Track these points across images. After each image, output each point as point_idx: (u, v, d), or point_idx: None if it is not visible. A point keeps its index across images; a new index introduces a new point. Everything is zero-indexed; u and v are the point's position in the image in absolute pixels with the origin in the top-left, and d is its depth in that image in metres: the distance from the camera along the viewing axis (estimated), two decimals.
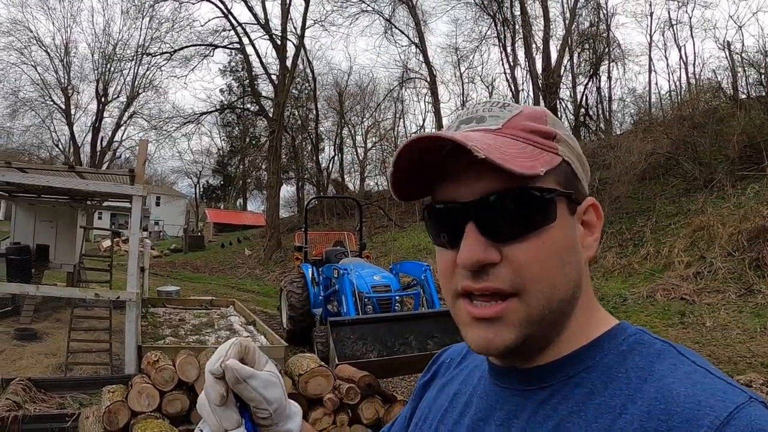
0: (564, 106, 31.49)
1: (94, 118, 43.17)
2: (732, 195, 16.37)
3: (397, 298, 9.57)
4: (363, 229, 13.92)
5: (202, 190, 71.07)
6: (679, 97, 27.27)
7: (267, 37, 33.45)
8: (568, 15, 29.41)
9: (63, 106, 42.04)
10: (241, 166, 61.27)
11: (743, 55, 23.00)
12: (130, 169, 9.46)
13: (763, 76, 21.17)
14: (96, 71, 42.03)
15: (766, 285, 12.37)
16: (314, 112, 41.87)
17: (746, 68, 22.80)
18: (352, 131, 44.55)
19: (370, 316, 8.39)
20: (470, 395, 0.98)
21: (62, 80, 41.53)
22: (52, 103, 42.01)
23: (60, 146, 46.97)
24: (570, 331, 0.86)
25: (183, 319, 11.70)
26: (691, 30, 29.10)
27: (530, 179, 0.79)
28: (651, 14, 30.61)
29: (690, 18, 29.18)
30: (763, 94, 20.57)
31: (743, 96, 21.94)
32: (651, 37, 31.26)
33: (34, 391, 6.39)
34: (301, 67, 36.98)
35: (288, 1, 32.93)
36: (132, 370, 7.87)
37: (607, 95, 31.86)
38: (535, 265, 0.81)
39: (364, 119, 44.80)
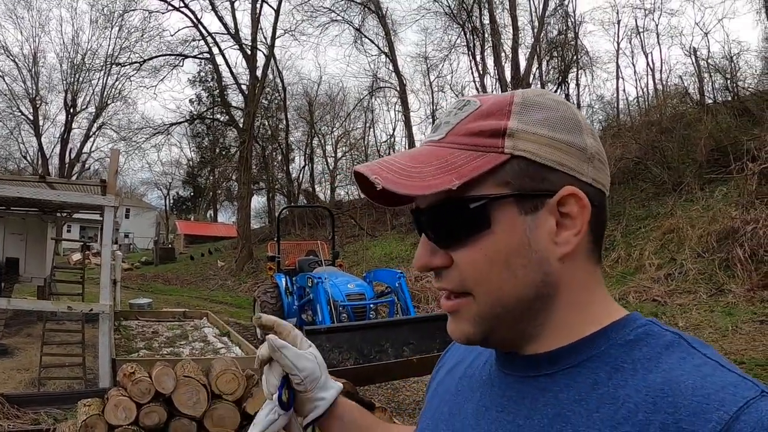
0: None
1: (62, 129, 42.88)
2: (701, 198, 16.58)
3: (371, 306, 9.59)
4: (336, 238, 13.91)
5: (172, 201, 70.60)
6: (647, 103, 27.60)
7: (237, 46, 33.36)
8: (536, 23, 29.62)
9: (31, 117, 41.69)
10: (212, 177, 60.88)
11: (709, 60, 23.38)
12: (101, 180, 9.37)
13: (728, 81, 21.50)
14: (64, 81, 41.77)
15: (736, 284, 12.56)
16: (284, 122, 41.69)
17: (712, 74, 23.13)
18: (323, 141, 44.43)
19: (345, 325, 8.37)
20: (474, 379, 1.00)
21: (30, 91, 41.22)
22: (20, 114, 41.69)
23: (28, 158, 46.67)
24: (556, 325, 0.86)
25: (156, 331, 11.59)
26: (657, 37, 29.22)
27: (444, 193, 0.81)
28: (618, 22, 30.89)
29: (657, 25, 29.44)
30: (729, 98, 20.87)
31: (710, 101, 22.25)
32: (618, 44, 31.54)
33: (7, 407, 6.30)
34: (270, 77, 36.89)
35: (258, 11, 32.86)
36: (106, 384, 7.78)
37: (575, 102, 32.04)
38: (475, 270, 0.83)
39: (335, 129, 44.75)
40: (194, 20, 33.10)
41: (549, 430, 0.81)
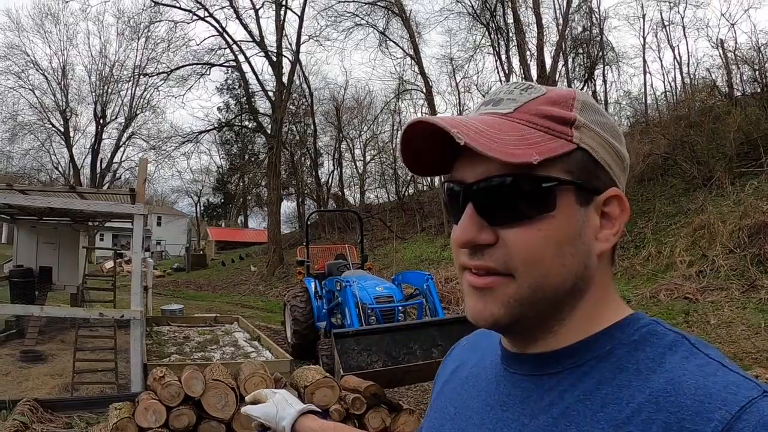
0: None
1: (93, 140, 43.46)
2: (731, 192, 16.34)
3: (400, 308, 9.56)
4: (364, 242, 13.92)
5: (202, 208, 71.08)
6: (675, 98, 27.23)
7: (263, 53, 33.55)
8: (561, 21, 29.41)
9: (62, 129, 42.23)
10: (241, 184, 61.18)
11: (736, 52, 22.90)
12: (130, 189, 9.48)
13: (757, 73, 21.15)
14: (93, 93, 42.29)
15: None
16: (312, 127, 41.87)
17: (740, 65, 22.67)
18: (351, 145, 44.50)
19: (373, 327, 8.37)
20: (480, 379, 1.00)
21: (60, 103, 41.76)
22: (50, 126, 42.26)
23: (60, 169, 47.23)
24: (574, 322, 0.86)
25: (188, 336, 11.72)
26: (683, 30, 28.82)
27: (523, 167, 0.79)
28: (643, 16, 30.48)
29: (682, 18, 29.06)
30: (758, 90, 20.56)
31: (738, 93, 21.89)
32: (644, 39, 31.22)
33: (40, 412, 6.37)
34: (297, 82, 37.03)
35: (282, 18, 33.06)
36: (138, 388, 7.86)
37: (602, 99, 31.77)
38: (528, 251, 0.81)
39: (362, 132, 44.78)
40: (219, 29, 33.38)
41: (554, 429, 0.81)
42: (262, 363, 5.75)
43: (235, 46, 33.93)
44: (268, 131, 34.29)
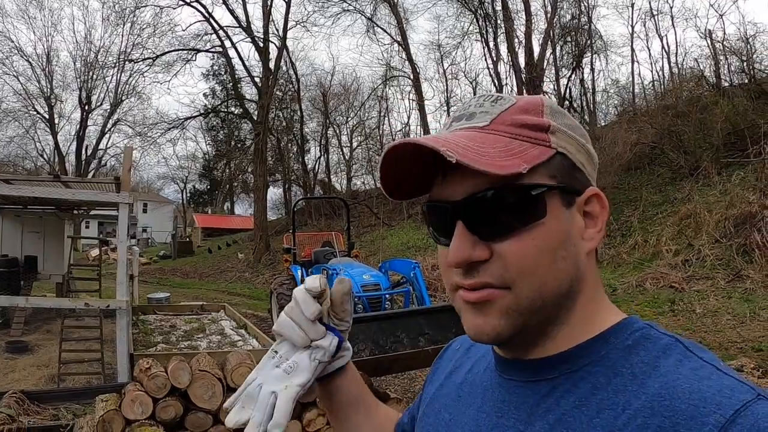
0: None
1: (78, 126, 42.89)
2: (718, 182, 16.47)
3: (387, 296, 9.57)
4: (351, 229, 13.90)
5: (188, 195, 70.84)
6: (663, 87, 27.32)
7: (249, 39, 33.37)
8: (549, 8, 29.38)
9: (46, 116, 41.70)
10: (227, 170, 61.00)
11: (725, 43, 23.04)
12: (115, 177, 9.40)
13: (745, 64, 21.26)
14: (78, 79, 41.71)
15: (754, 270, 12.52)
16: (299, 113, 41.74)
17: (728, 56, 22.84)
18: (337, 131, 44.41)
19: (360, 316, 8.33)
20: (475, 385, 1.00)
21: (45, 90, 41.22)
22: (35, 113, 41.66)
23: (45, 156, 46.72)
24: (571, 325, 0.86)
25: (174, 325, 11.65)
26: (672, 19, 28.94)
27: (511, 177, 0.79)
28: (632, 5, 30.58)
29: (671, 8, 29.30)
30: (746, 81, 20.64)
31: (726, 84, 21.98)
32: (632, 27, 31.28)
33: (27, 404, 6.33)
34: (284, 68, 36.85)
35: (269, 3, 32.83)
36: (125, 379, 7.82)
37: (590, 87, 31.84)
38: (525, 260, 0.81)
39: (349, 119, 44.70)
40: (206, 14, 33.24)
41: None
42: (249, 353, 5.73)
43: (221, 32, 33.86)
44: (255, 117, 34.13)
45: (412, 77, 34.68)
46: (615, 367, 0.81)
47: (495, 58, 31.70)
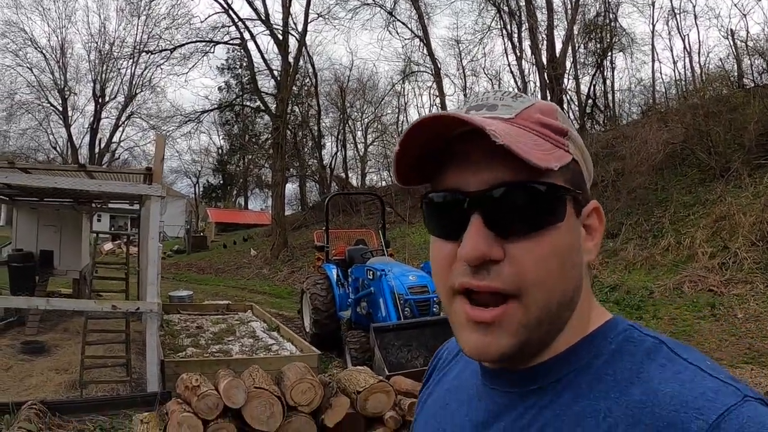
0: (569, 97, 30.85)
1: (91, 119, 42.84)
2: (749, 184, 16.19)
3: (435, 299, 8.89)
4: (385, 227, 13.23)
5: (201, 189, 70.79)
6: (685, 87, 26.86)
7: (268, 32, 32.74)
8: (572, 5, 28.93)
9: (60, 108, 41.73)
10: (242, 164, 61.00)
11: (748, 42, 22.80)
12: (146, 167, 8.71)
13: None
14: (93, 72, 41.72)
15: None
16: (315, 108, 41.26)
17: (751, 56, 22.58)
18: (353, 127, 44.09)
19: (414, 321, 7.86)
20: (461, 392, 0.97)
21: (59, 82, 41.24)
22: (48, 105, 41.74)
23: (58, 149, 46.78)
24: (565, 335, 0.83)
25: (201, 326, 11.10)
26: (695, 18, 28.69)
27: (544, 173, 0.76)
28: (653, 3, 29.98)
29: (694, 6, 28.94)
30: None
31: (750, 84, 21.74)
32: (654, 26, 30.82)
33: (48, 416, 5.86)
34: (301, 62, 36.29)
35: None
36: (155, 387, 7.22)
37: (611, 86, 31.48)
38: (539, 265, 0.76)
39: (364, 115, 44.37)
40: (224, 5, 32.66)
41: None
42: (307, 367, 5.07)
43: (240, 24, 33.24)
44: (273, 111, 33.51)
45: (433, 72, 34.09)
46: (598, 374, 0.79)
47: (518, 55, 31.19)
